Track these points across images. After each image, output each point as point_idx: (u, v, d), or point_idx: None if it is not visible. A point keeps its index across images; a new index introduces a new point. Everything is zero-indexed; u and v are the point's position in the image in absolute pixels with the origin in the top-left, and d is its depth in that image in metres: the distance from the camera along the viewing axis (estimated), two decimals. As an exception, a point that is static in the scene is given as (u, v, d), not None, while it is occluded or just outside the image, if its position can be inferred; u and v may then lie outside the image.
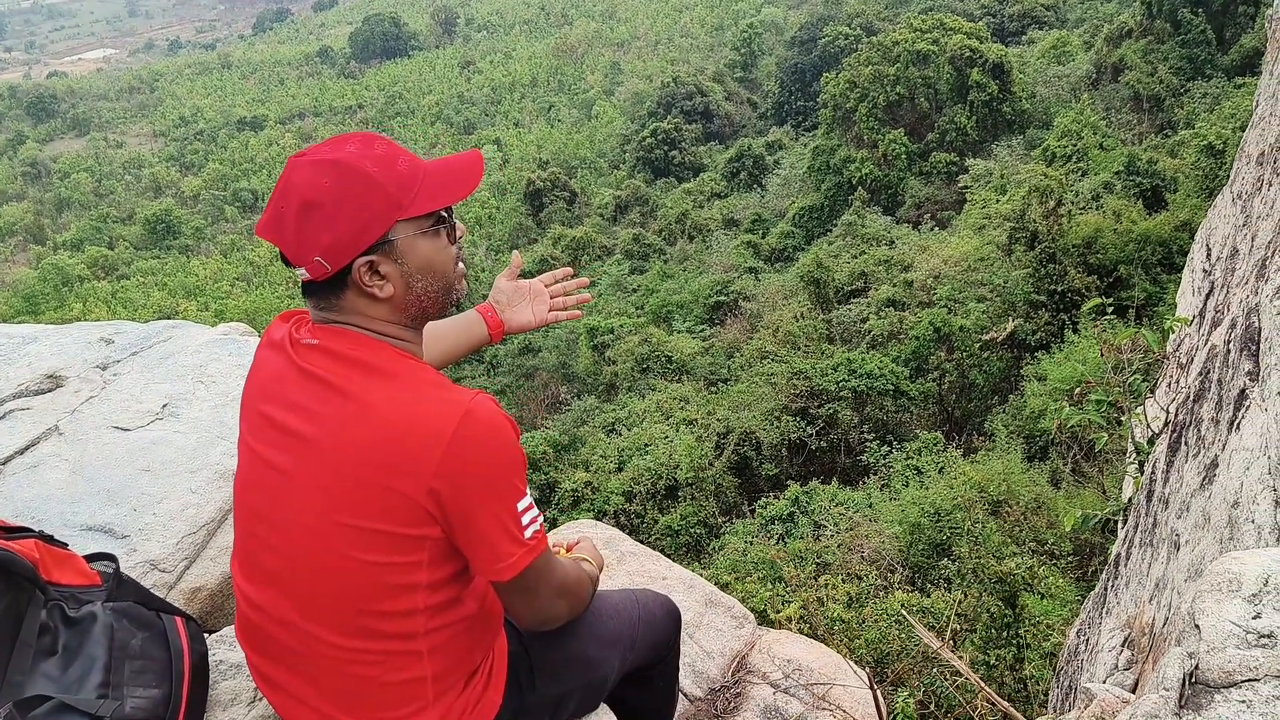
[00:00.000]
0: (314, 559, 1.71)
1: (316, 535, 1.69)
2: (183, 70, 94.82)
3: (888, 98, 34.67)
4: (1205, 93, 30.31)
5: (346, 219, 1.63)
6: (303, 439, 1.70)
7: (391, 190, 1.66)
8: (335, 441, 1.66)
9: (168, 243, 51.99)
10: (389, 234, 1.67)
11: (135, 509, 2.70)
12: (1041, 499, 12.26)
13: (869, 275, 25.16)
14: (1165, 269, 19.53)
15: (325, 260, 1.65)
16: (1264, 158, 4.30)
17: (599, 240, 37.99)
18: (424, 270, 1.73)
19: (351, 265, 1.67)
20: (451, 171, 1.76)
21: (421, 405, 1.64)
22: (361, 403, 1.65)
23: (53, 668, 1.86)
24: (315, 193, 1.62)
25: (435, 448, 1.61)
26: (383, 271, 1.69)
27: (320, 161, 1.65)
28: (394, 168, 1.68)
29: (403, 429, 1.62)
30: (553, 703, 2.10)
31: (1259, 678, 1.51)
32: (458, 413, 1.63)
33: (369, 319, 1.73)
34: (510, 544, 1.68)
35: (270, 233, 1.68)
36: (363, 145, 1.69)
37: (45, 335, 3.56)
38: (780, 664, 3.08)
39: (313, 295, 1.73)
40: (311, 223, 1.63)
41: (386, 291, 1.70)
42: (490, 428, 1.65)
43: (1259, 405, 2.47)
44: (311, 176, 1.64)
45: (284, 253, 1.68)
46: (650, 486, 16.43)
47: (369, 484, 1.64)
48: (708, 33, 71.47)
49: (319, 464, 1.67)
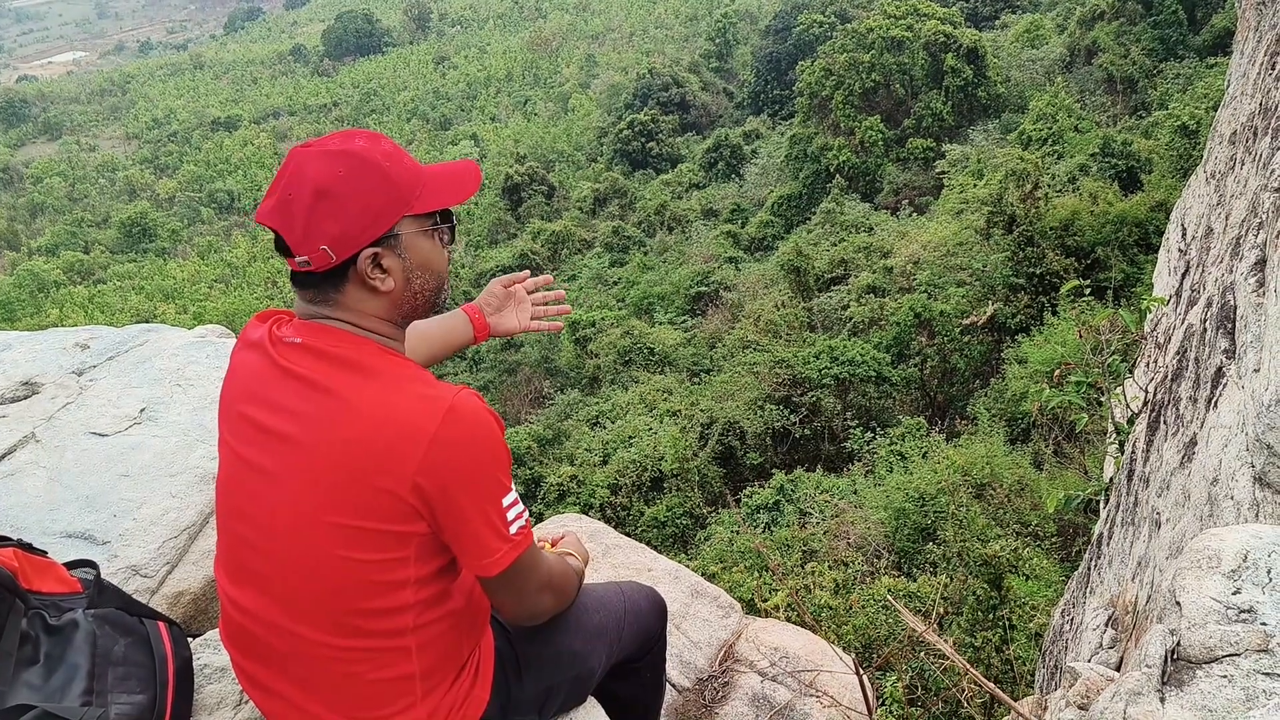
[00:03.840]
0: (300, 558, 1.70)
1: (302, 535, 1.68)
2: (154, 72, 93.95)
3: (863, 85, 34.73)
4: (1178, 73, 30.51)
5: (358, 209, 1.65)
6: (286, 439, 1.69)
7: (401, 185, 1.69)
8: (319, 440, 1.65)
9: (144, 246, 51.54)
10: (395, 228, 1.70)
11: (115, 514, 2.68)
12: (1024, 481, 12.35)
13: (849, 262, 25.23)
14: (1142, 249, 19.65)
15: (332, 249, 1.65)
16: (1236, 136, 4.33)
17: (578, 234, 37.94)
18: (423, 267, 1.76)
19: (356, 256, 1.68)
20: (452, 176, 1.80)
21: (405, 401, 1.64)
22: (345, 400, 1.65)
23: (35, 676, 1.85)
24: (328, 181, 1.64)
25: (419, 444, 1.61)
26: (385, 265, 1.70)
27: (333, 152, 1.67)
28: (402, 164, 1.71)
29: (386, 426, 1.62)
30: (540, 697, 2.10)
31: (1239, 653, 1.52)
32: (441, 408, 1.63)
33: (360, 314, 1.73)
34: (496, 539, 1.69)
35: (275, 219, 1.67)
36: (371, 140, 1.71)
37: (20, 342, 3.52)
38: (767, 652, 3.09)
39: (308, 287, 1.73)
40: (323, 210, 1.64)
41: (387, 285, 1.72)
42: (474, 423, 1.66)
43: (1236, 383, 2.48)
44: (326, 165, 1.65)
45: (288, 240, 1.67)
46: (635, 479, 16.45)
47: (354, 481, 1.64)
48: (682, 23, 71.31)
49: (303, 463, 1.67)
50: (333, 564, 1.68)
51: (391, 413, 1.63)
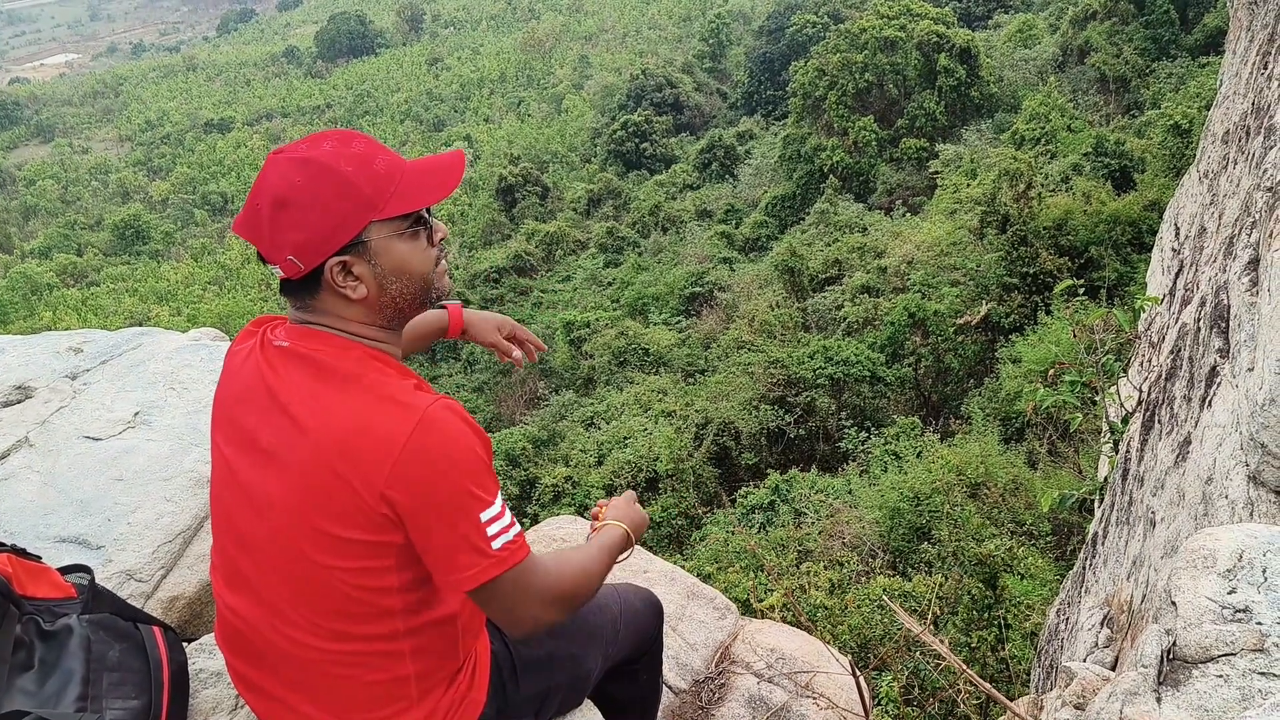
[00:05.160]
0: (286, 565, 1.69)
1: (287, 542, 1.68)
2: (147, 73, 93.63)
3: (856, 85, 34.72)
4: (1170, 73, 30.55)
5: (318, 218, 1.60)
6: (271, 445, 1.68)
7: (366, 190, 1.63)
8: (298, 447, 1.64)
9: (137, 248, 51.41)
10: (362, 235, 1.64)
11: (109, 519, 2.67)
12: (1019, 480, 12.35)
13: (843, 263, 25.23)
14: (1135, 249, 19.68)
15: (298, 259, 1.63)
16: (1229, 136, 4.34)
17: (573, 235, 37.93)
18: (398, 272, 1.70)
19: (324, 265, 1.64)
20: (429, 172, 1.73)
21: (378, 410, 1.62)
22: (323, 407, 1.63)
23: (30, 682, 1.84)
24: (287, 190, 1.60)
25: (388, 455, 1.58)
26: (355, 272, 1.66)
27: (294, 159, 1.62)
28: (370, 167, 1.65)
29: (359, 434, 1.60)
30: (537, 700, 2.09)
31: (1235, 652, 1.52)
32: (412, 419, 1.60)
33: (343, 319, 1.71)
34: (471, 555, 1.63)
35: (246, 229, 1.66)
36: (339, 143, 1.66)
37: (12, 346, 3.51)
38: (763, 653, 3.09)
39: (290, 294, 1.72)
40: (283, 221, 1.60)
41: (360, 293, 1.68)
42: (446, 435, 1.61)
43: (1230, 382, 2.49)
44: (285, 173, 1.61)
45: (259, 250, 1.66)
46: (630, 480, 16.43)
47: (330, 490, 1.62)
48: (675, 24, 71.29)
49: (285, 470, 1.66)
50: (316, 571, 1.67)
51: (365, 422, 1.60)
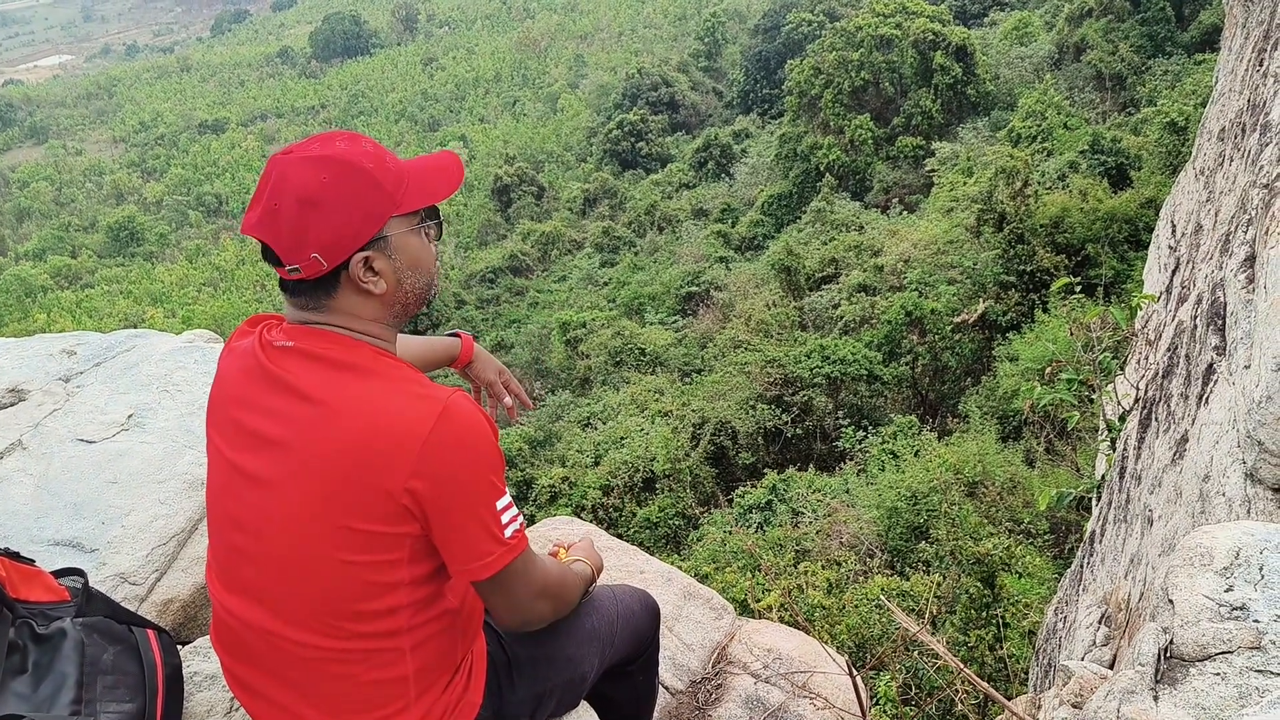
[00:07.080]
0: (294, 562, 1.69)
1: (296, 538, 1.68)
2: (141, 75, 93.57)
3: (852, 83, 34.77)
4: (1166, 70, 30.61)
5: (346, 214, 1.63)
6: (279, 443, 1.68)
7: (387, 186, 1.67)
8: (312, 443, 1.65)
9: (132, 250, 51.42)
10: (384, 229, 1.68)
11: (103, 522, 2.66)
12: (1017, 479, 12.35)
13: (839, 261, 25.24)
14: (1132, 246, 19.68)
15: (323, 257, 1.64)
16: (1225, 133, 4.34)
17: (568, 234, 37.98)
18: (413, 266, 1.74)
19: (348, 262, 1.66)
20: (434, 171, 1.78)
21: (399, 403, 1.64)
22: (339, 402, 1.65)
23: (23, 686, 1.84)
24: (314, 189, 1.62)
25: (412, 446, 1.61)
26: (377, 268, 1.69)
27: (315, 158, 1.64)
28: (384, 164, 1.69)
29: (380, 427, 1.62)
30: (533, 701, 2.09)
31: (1232, 650, 1.52)
32: (435, 410, 1.63)
33: (353, 317, 1.72)
34: (490, 542, 1.69)
35: (262, 231, 1.65)
36: (351, 142, 1.69)
37: (6, 348, 3.50)
38: (760, 654, 3.08)
39: (299, 294, 1.71)
40: (310, 219, 1.62)
41: (380, 288, 1.71)
42: (467, 425, 1.65)
43: (1226, 379, 2.49)
44: (309, 173, 1.63)
45: (276, 250, 1.65)
46: (627, 480, 16.42)
47: (347, 484, 1.63)
48: (671, 22, 71.36)
49: (296, 467, 1.66)
50: (326, 566, 1.67)
51: (386, 414, 1.63)
